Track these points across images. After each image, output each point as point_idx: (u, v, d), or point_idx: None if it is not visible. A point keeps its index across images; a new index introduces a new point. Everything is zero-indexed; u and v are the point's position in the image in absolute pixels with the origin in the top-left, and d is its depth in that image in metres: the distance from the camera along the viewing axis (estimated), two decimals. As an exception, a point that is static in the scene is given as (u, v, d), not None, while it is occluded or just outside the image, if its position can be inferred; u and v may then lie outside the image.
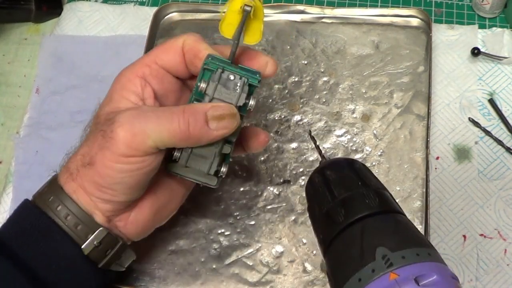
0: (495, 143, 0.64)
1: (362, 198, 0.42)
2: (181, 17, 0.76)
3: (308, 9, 0.73)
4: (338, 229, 0.41)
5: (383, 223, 0.41)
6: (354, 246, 0.40)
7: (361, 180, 0.45)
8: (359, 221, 0.41)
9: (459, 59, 0.69)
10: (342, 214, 0.42)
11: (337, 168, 0.46)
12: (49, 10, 0.82)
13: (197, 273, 0.60)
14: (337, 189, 0.44)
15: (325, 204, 0.44)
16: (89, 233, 0.47)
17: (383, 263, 0.37)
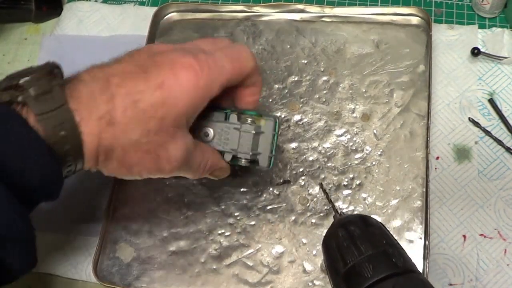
0: (495, 143, 0.64)
1: (388, 256, 0.44)
2: (180, 17, 0.76)
3: (308, 8, 0.73)
4: (366, 284, 0.42)
5: (410, 283, 0.43)
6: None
7: (385, 238, 0.46)
8: (387, 279, 0.43)
9: (459, 59, 0.69)
10: (370, 270, 0.43)
11: (360, 224, 0.48)
12: (49, 10, 0.81)
13: (197, 273, 0.60)
14: (363, 245, 0.45)
15: (351, 258, 0.45)
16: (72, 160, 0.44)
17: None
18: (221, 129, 0.53)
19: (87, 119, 0.44)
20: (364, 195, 0.62)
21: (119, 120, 0.45)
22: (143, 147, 0.46)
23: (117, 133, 0.45)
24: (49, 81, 0.44)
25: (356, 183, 0.62)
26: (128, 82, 0.46)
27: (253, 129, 0.53)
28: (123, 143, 0.45)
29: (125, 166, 0.47)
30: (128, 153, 0.46)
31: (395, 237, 0.58)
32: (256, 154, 0.54)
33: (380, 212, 0.61)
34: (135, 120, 0.45)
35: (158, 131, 0.46)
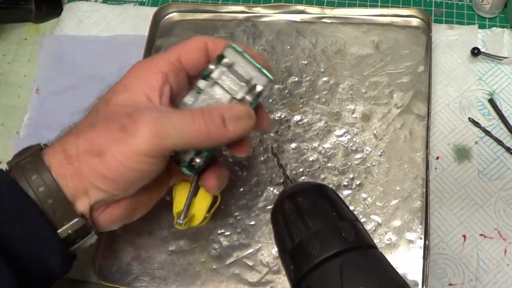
0: (495, 143, 0.64)
1: (338, 231, 0.40)
2: (181, 17, 0.76)
3: (308, 9, 0.73)
4: (314, 263, 0.39)
5: (362, 261, 0.39)
6: (334, 283, 0.38)
7: (335, 211, 0.42)
8: (336, 256, 0.39)
9: (459, 59, 0.69)
10: (317, 247, 0.39)
11: (309, 194, 0.44)
12: (49, 10, 0.82)
13: (197, 273, 0.60)
14: (311, 219, 0.41)
15: (298, 234, 0.41)
16: (65, 221, 0.46)
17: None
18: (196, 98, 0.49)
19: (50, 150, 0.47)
20: (364, 195, 0.62)
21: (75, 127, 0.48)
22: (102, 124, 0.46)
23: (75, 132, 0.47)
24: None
25: (356, 183, 0.62)
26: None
27: (223, 68, 0.48)
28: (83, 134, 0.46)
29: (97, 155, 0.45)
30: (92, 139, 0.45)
31: (395, 237, 0.59)
32: (250, 81, 0.48)
33: (380, 212, 0.61)
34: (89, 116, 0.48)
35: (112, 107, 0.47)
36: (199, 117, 0.45)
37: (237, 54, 0.48)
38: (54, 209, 0.45)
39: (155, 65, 0.49)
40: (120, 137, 0.44)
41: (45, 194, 0.45)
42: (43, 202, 0.45)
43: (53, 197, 0.45)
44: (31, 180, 0.45)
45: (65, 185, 0.45)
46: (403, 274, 0.58)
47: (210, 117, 0.45)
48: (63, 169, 0.46)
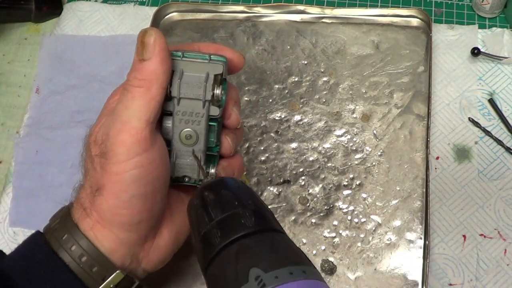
0: (495, 143, 0.64)
1: (237, 218, 0.41)
2: (181, 17, 0.76)
3: (308, 9, 0.73)
4: (215, 252, 0.40)
5: (257, 243, 0.40)
6: (229, 268, 0.39)
7: (237, 200, 0.43)
8: (235, 242, 0.40)
9: (459, 59, 0.69)
10: (218, 236, 0.40)
11: (215, 188, 0.44)
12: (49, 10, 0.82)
13: (197, 273, 0.60)
14: (214, 211, 0.42)
15: (203, 226, 0.42)
16: (105, 276, 0.45)
17: (256, 284, 0.37)
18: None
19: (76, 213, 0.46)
20: (364, 195, 0.62)
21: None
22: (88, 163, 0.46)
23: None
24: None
25: (356, 183, 0.62)
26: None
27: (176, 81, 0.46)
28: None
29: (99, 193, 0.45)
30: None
31: (395, 237, 0.59)
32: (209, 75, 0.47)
33: (380, 212, 0.61)
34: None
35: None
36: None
37: (179, 60, 0.46)
38: (90, 266, 0.45)
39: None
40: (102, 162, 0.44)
41: (79, 253, 0.44)
42: (78, 261, 0.44)
43: (87, 254, 0.45)
44: (62, 240, 0.45)
45: (95, 237, 0.45)
46: (403, 274, 0.58)
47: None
48: (86, 222, 0.45)
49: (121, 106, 0.44)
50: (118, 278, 0.45)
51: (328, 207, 0.61)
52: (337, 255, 0.60)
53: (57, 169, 0.68)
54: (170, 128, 0.47)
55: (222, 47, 0.49)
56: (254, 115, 0.67)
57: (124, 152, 0.43)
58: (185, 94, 0.46)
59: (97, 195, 0.44)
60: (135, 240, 0.46)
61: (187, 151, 0.48)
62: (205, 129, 0.47)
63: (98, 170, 0.44)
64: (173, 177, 0.49)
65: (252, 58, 0.70)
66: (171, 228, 0.49)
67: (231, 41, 0.72)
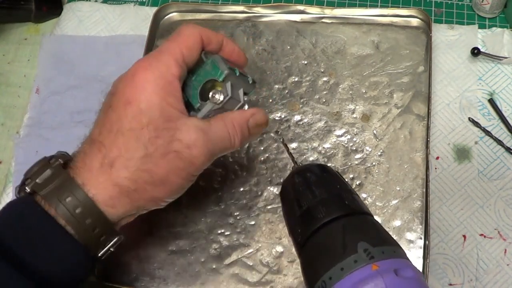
0: (495, 143, 0.64)
1: (341, 199, 0.46)
2: (181, 17, 0.76)
3: (308, 9, 0.73)
4: (319, 224, 0.44)
5: (362, 222, 0.45)
6: (336, 239, 0.43)
7: (338, 184, 0.48)
8: (339, 219, 0.44)
9: (459, 59, 0.69)
10: (323, 211, 0.45)
11: (316, 171, 0.50)
12: (49, 10, 0.82)
13: (197, 273, 0.60)
14: (318, 189, 0.47)
15: (306, 202, 0.47)
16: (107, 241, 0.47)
17: (365, 255, 0.41)
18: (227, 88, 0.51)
19: (90, 179, 0.46)
20: (364, 195, 0.62)
21: (117, 154, 0.46)
22: (157, 155, 0.46)
23: (125, 165, 0.46)
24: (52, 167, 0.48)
25: (356, 183, 0.62)
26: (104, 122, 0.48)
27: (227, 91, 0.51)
28: (137, 167, 0.46)
29: (159, 185, 0.47)
30: (151, 171, 0.46)
31: (395, 237, 0.59)
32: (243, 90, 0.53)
33: (380, 212, 0.61)
34: (129, 142, 0.46)
35: (157, 133, 0.46)
36: (233, 131, 0.50)
37: (231, 74, 0.51)
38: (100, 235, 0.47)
39: (170, 71, 0.48)
40: (179, 166, 0.47)
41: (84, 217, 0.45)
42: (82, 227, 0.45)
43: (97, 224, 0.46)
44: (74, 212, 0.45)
45: (114, 213, 0.47)
46: (403, 274, 0.58)
47: (241, 129, 0.50)
48: (115, 201, 0.46)
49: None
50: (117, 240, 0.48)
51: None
52: (337, 255, 0.60)
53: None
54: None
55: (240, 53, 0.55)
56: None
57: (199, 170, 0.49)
58: (227, 105, 0.51)
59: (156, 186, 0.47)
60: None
61: None
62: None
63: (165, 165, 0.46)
64: None
65: (252, 58, 0.70)
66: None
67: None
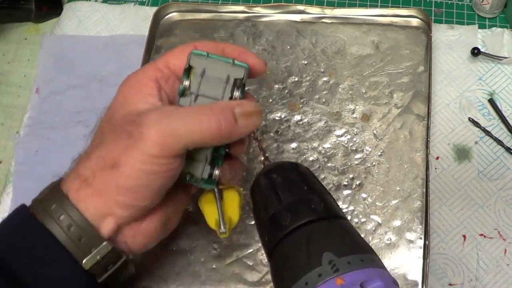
0: (495, 143, 0.64)
1: (308, 203, 0.43)
2: (181, 17, 0.76)
3: (308, 9, 0.73)
4: (284, 233, 0.42)
5: (328, 229, 0.42)
6: (301, 250, 0.40)
7: (306, 185, 0.45)
8: (305, 226, 0.42)
9: (459, 59, 0.69)
10: (288, 218, 0.42)
11: (283, 171, 0.47)
12: (49, 10, 0.82)
13: (197, 273, 0.60)
14: (283, 193, 0.44)
15: (271, 207, 0.44)
16: (93, 247, 0.45)
17: (330, 268, 0.38)
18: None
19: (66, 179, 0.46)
20: (364, 195, 0.62)
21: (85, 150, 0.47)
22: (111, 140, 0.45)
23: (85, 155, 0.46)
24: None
25: (356, 183, 0.62)
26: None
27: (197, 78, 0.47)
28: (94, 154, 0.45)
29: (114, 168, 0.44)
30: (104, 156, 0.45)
31: (395, 237, 0.59)
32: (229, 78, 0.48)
33: (380, 212, 0.61)
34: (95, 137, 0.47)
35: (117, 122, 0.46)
36: (208, 114, 0.44)
37: (203, 59, 0.47)
38: (79, 236, 0.44)
39: (145, 75, 0.48)
40: (129, 144, 0.43)
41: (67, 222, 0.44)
42: (66, 231, 0.44)
43: (76, 224, 0.44)
44: (51, 210, 0.44)
45: (85, 209, 0.44)
46: (403, 274, 0.58)
47: (222, 112, 0.45)
48: (81, 193, 0.45)
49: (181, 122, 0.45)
50: (106, 250, 0.45)
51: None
52: (337, 255, 0.60)
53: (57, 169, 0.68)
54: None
55: (246, 52, 0.50)
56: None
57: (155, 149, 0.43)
58: (204, 92, 0.46)
59: (108, 170, 0.44)
60: (126, 217, 0.46)
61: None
62: None
63: (119, 147, 0.44)
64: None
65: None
66: (161, 213, 0.49)
67: (231, 41, 0.72)
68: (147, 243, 0.49)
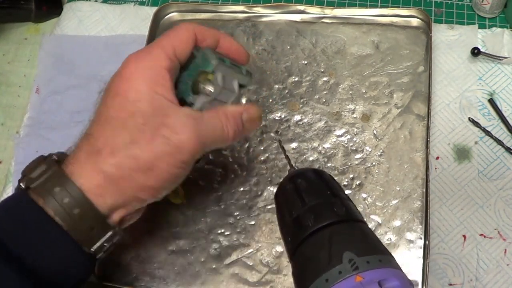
0: (495, 143, 0.64)
1: (330, 206, 0.46)
2: (181, 17, 0.76)
3: (308, 9, 0.73)
4: (307, 233, 0.44)
5: (349, 230, 0.45)
6: (323, 249, 0.42)
7: (329, 190, 0.48)
8: (327, 227, 0.44)
9: (459, 59, 0.69)
10: (311, 220, 0.45)
11: (308, 177, 0.49)
12: (49, 10, 0.82)
13: (197, 273, 0.60)
14: (308, 197, 0.47)
15: (296, 209, 0.47)
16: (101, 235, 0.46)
17: (350, 266, 0.40)
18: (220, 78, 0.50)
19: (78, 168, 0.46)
20: (364, 195, 0.62)
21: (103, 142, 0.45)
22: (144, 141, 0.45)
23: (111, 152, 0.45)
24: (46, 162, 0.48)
25: (356, 183, 0.62)
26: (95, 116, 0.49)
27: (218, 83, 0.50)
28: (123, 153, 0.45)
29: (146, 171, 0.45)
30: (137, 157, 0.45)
31: (395, 237, 0.59)
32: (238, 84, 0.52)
33: (380, 212, 0.61)
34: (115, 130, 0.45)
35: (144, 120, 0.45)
36: (226, 122, 0.48)
37: (223, 65, 0.50)
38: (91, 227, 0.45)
39: (158, 63, 0.47)
40: (166, 151, 0.45)
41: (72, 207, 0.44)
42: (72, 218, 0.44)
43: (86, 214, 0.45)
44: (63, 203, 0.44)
45: (103, 202, 0.45)
46: (403, 274, 0.58)
47: (235, 120, 0.49)
48: (102, 189, 0.45)
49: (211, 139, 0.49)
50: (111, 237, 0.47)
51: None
52: (337, 255, 0.60)
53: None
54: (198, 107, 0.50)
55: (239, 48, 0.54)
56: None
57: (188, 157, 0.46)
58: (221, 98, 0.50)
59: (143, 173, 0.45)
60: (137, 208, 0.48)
61: None
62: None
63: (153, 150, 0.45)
64: None
65: (252, 58, 0.70)
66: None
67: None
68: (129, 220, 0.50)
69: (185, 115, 0.46)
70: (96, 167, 0.45)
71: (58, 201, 0.44)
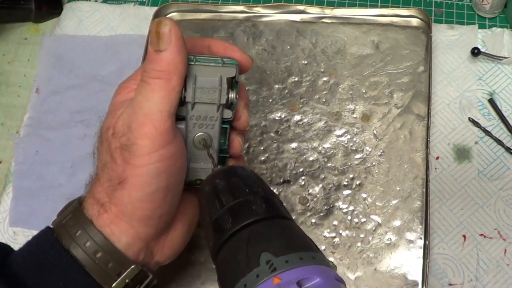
0: (495, 143, 0.64)
1: (249, 205, 0.42)
2: (181, 17, 0.76)
3: (308, 9, 0.73)
4: (226, 236, 0.41)
5: (268, 229, 0.42)
6: (240, 252, 0.40)
7: (248, 187, 0.44)
8: (246, 228, 0.41)
9: (459, 59, 0.69)
10: (229, 222, 0.42)
11: (226, 176, 0.46)
12: (49, 10, 0.82)
13: (197, 273, 0.60)
14: (225, 197, 0.43)
15: (214, 212, 0.43)
16: (121, 271, 0.44)
17: (267, 268, 0.38)
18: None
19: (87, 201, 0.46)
20: (364, 195, 0.62)
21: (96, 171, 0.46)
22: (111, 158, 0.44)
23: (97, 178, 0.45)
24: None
25: (356, 183, 0.62)
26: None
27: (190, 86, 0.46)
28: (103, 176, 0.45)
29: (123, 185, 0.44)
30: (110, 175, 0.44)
31: (394, 237, 0.59)
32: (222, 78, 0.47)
33: (380, 212, 0.61)
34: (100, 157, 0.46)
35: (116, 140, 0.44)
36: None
37: (192, 65, 0.46)
38: (106, 262, 0.44)
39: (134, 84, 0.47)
40: (125, 155, 0.43)
41: (94, 249, 0.44)
42: (92, 257, 0.44)
43: (102, 250, 0.44)
44: (76, 236, 0.44)
45: (111, 233, 0.44)
46: (403, 274, 0.58)
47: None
48: (103, 218, 0.44)
49: (141, 98, 0.43)
50: (134, 273, 0.45)
51: (328, 207, 0.61)
52: (337, 255, 0.60)
53: (57, 169, 0.68)
54: (183, 132, 0.47)
55: (232, 47, 0.49)
56: (254, 115, 0.67)
57: (148, 144, 0.43)
58: (200, 99, 0.46)
59: (119, 189, 0.44)
60: (152, 234, 0.46)
61: (200, 154, 0.48)
62: (218, 132, 0.48)
63: (119, 163, 0.44)
64: (187, 181, 0.49)
65: (252, 58, 0.70)
66: (184, 220, 0.49)
67: (231, 41, 0.72)
68: (174, 253, 0.50)
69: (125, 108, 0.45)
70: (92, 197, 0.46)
71: (71, 235, 0.44)
